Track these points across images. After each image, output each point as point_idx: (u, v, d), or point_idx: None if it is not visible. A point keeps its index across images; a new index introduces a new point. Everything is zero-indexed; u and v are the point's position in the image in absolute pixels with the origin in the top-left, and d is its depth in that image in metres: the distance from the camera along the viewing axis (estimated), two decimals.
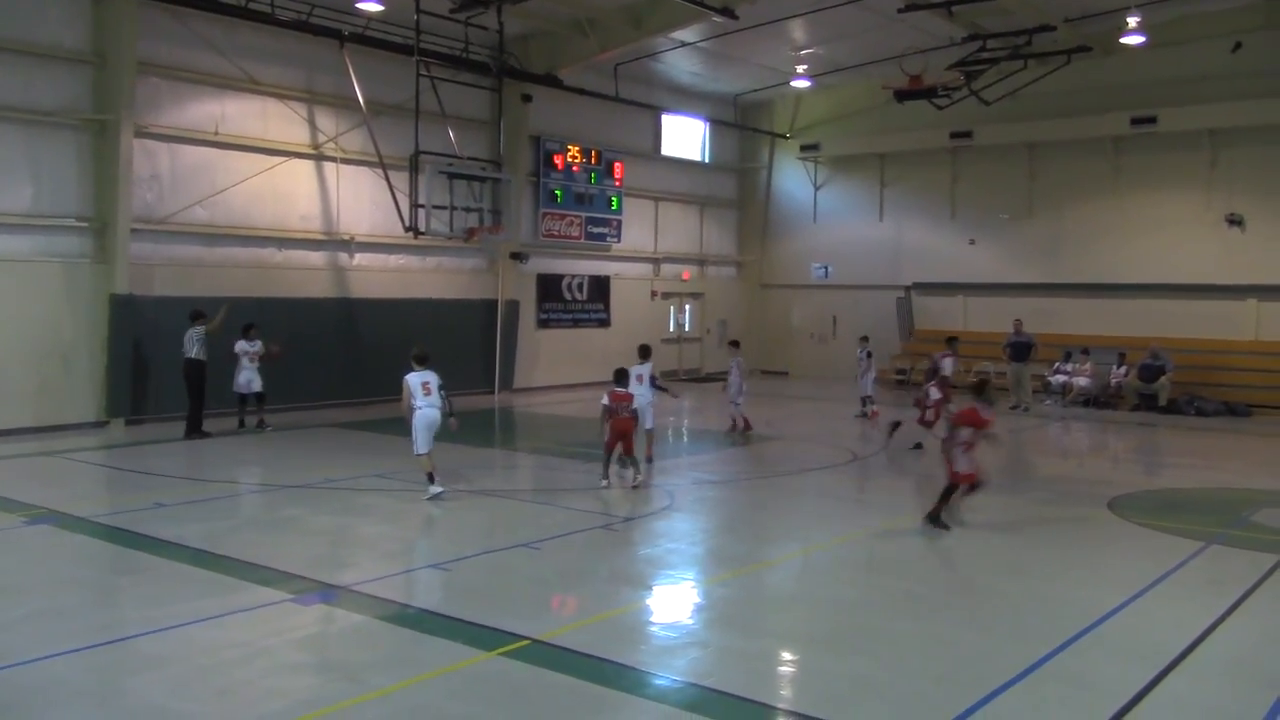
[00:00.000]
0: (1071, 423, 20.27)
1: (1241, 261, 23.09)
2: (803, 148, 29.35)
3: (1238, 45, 22.33)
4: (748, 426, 17.58)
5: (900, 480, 14.24)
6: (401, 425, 12.30)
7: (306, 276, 19.98)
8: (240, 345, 16.94)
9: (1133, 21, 20.78)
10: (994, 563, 9.83)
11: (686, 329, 29.32)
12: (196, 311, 16.48)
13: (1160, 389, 22.11)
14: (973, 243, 26.90)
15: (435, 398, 11.62)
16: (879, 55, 23.74)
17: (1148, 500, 12.66)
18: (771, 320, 30.67)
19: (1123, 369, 22.54)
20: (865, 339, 21.06)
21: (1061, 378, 23.42)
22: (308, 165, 19.98)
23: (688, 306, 29.38)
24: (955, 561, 9.70)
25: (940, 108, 23.36)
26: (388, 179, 19.57)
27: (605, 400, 12.58)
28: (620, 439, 12.41)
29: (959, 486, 10.55)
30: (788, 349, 30.28)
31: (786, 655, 7.21)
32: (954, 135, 26.16)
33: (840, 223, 29.21)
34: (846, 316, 28.86)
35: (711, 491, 12.99)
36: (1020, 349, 22.45)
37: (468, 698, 6.18)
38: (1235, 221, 23.17)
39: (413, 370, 11.71)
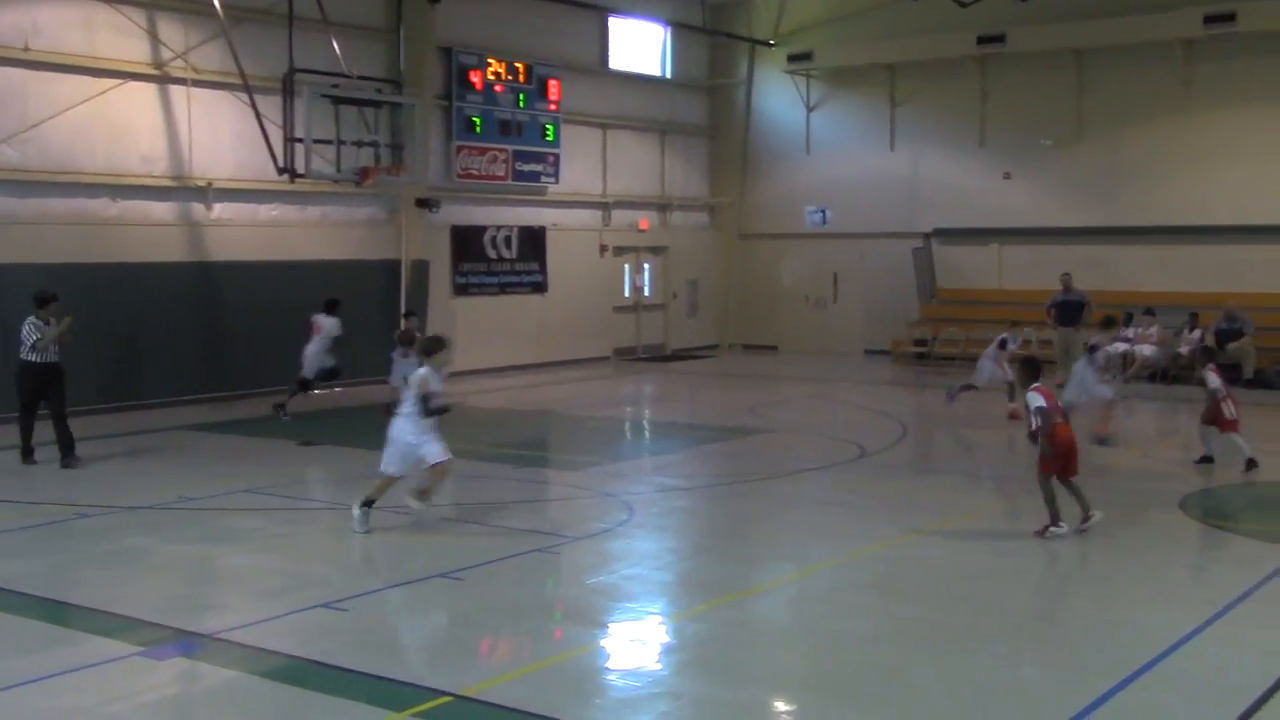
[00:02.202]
0: (1134, 401, 20.52)
1: None
2: (790, 58, 29.34)
3: None
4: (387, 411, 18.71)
5: (918, 482, 14.39)
6: (276, 427, 12.27)
7: (150, 235, 19.71)
8: (332, 322, 18.24)
9: None
10: (1038, 581, 9.97)
11: (646, 294, 29.36)
12: (42, 295, 14.86)
13: (1244, 357, 22.42)
14: (1008, 176, 27.14)
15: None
16: None
17: (1228, 498, 12.89)
18: (755, 280, 30.79)
19: (1195, 333, 22.82)
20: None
21: (1121, 346, 23.63)
22: (149, 90, 19.68)
23: (647, 265, 29.42)
24: (990, 582, 9.82)
25: (964, 5, 23.49)
26: (254, 107, 19.33)
27: (1041, 401, 10.82)
28: (1069, 457, 10.80)
29: None
30: (776, 317, 30.41)
31: (780, 706, 7.28)
32: (982, 40, 26.25)
33: (840, 154, 29.31)
34: (851, 274, 29.04)
35: (682, 501, 13.05)
36: (1069, 310, 22.62)
37: None
38: None
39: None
